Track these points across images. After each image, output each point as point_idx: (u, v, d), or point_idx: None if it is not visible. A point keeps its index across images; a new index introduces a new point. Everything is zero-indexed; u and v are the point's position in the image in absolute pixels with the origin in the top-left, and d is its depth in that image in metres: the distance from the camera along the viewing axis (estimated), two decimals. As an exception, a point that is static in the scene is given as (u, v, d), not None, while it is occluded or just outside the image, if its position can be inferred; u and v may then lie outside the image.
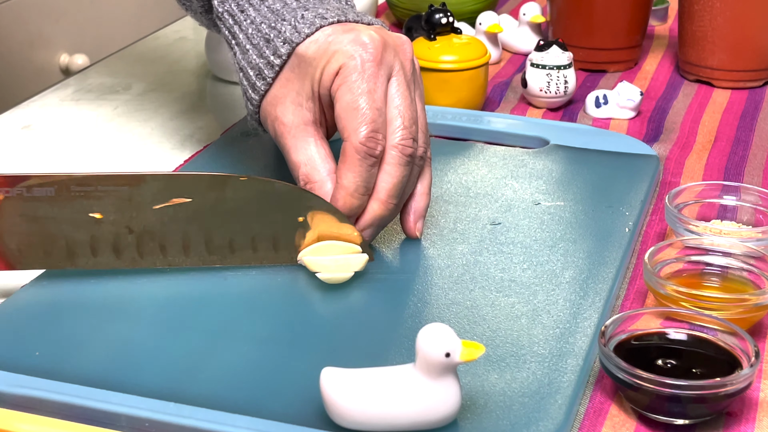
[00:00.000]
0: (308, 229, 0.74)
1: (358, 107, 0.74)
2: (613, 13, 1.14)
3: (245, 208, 0.73)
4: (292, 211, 0.74)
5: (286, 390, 0.64)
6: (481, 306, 0.72)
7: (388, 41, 0.77)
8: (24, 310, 0.71)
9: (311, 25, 0.78)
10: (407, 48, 0.78)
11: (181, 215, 0.72)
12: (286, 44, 0.78)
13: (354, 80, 0.75)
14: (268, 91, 0.79)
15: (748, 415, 0.64)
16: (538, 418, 0.62)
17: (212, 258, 0.74)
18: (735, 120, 1.05)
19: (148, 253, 0.73)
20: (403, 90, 0.76)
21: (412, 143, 0.75)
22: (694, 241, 0.76)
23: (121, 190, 0.72)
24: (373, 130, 0.74)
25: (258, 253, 0.74)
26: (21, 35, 1.63)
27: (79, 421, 0.62)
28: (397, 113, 0.75)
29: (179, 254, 0.73)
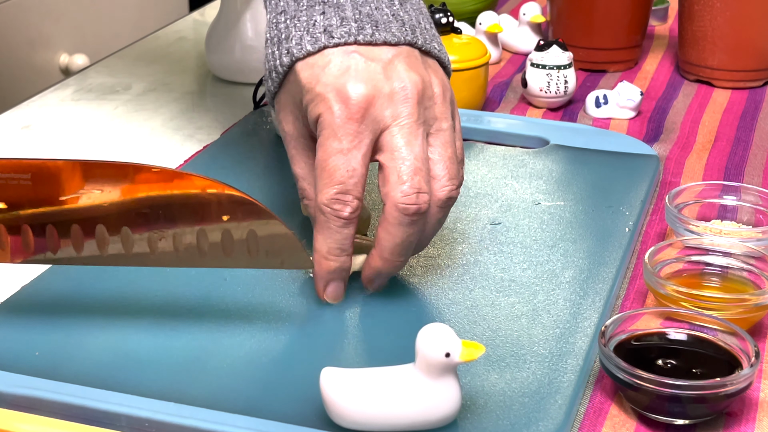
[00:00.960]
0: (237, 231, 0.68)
1: (326, 167, 0.69)
2: (613, 13, 1.14)
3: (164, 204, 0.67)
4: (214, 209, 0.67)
5: (286, 390, 0.64)
6: (481, 306, 0.72)
7: (381, 91, 0.70)
8: (24, 310, 0.71)
9: (315, 42, 0.72)
10: (409, 92, 0.70)
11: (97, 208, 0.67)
12: (288, 55, 0.73)
13: (327, 137, 0.70)
14: (277, 92, 0.75)
15: (748, 415, 0.64)
16: (538, 418, 0.62)
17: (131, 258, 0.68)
18: (735, 120, 1.05)
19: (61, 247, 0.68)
20: (398, 140, 0.69)
21: (416, 198, 0.69)
22: (694, 241, 0.76)
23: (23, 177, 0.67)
24: (340, 192, 0.69)
25: (181, 253, 0.68)
26: (21, 35, 1.63)
27: (79, 421, 0.62)
28: (394, 167, 0.69)
29: (95, 250, 0.68)
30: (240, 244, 0.68)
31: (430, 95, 0.72)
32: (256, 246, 0.68)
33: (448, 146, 0.72)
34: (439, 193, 0.71)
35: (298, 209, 0.83)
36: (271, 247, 0.68)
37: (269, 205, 0.85)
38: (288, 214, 0.83)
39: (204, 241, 0.68)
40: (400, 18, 0.74)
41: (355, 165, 0.69)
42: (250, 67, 1.11)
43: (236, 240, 0.68)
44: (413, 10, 0.75)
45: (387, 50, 0.72)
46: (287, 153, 0.75)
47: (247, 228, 0.68)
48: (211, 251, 0.68)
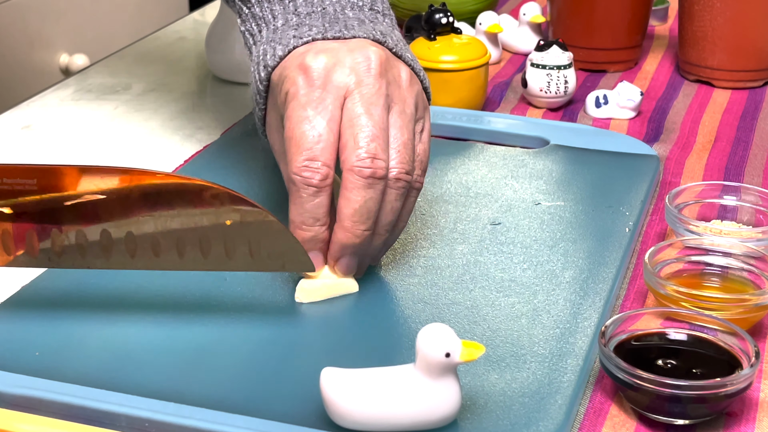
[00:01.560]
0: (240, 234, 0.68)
1: (294, 136, 0.70)
2: (613, 13, 1.14)
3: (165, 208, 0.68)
4: (217, 213, 0.68)
5: (286, 390, 0.64)
6: (481, 306, 0.72)
7: (342, 60, 0.72)
8: (24, 310, 0.71)
9: (285, 46, 0.74)
10: (372, 64, 0.72)
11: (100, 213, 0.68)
12: (265, 69, 0.75)
13: (293, 108, 0.71)
14: (265, 117, 0.77)
15: (748, 415, 0.64)
16: (538, 418, 0.62)
17: (135, 262, 0.69)
18: (735, 120, 1.05)
19: (66, 252, 0.68)
20: (358, 108, 0.71)
21: (372, 162, 0.69)
22: (694, 241, 0.76)
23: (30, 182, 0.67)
24: (308, 158, 0.69)
25: (185, 258, 0.68)
26: (21, 35, 1.63)
27: (79, 421, 0.62)
28: (351, 133, 0.70)
29: (99, 255, 0.69)
30: (242, 246, 0.68)
31: (395, 74, 0.73)
32: (258, 249, 0.68)
33: (405, 131, 0.72)
34: (390, 172, 0.71)
35: (298, 209, 0.83)
36: (273, 249, 0.68)
37: (269, 205, 0.85)
38: (288, 214, 0.83)
39: (206, 244, 0.68)
40: (371, 27, 0.76)
41: (321, 131, 0.70)
42: (250, 67, 1.10)
43: (238, 243, 0.68)
44: (384, 26, 0.77)
45: (353, 40, 0.74)
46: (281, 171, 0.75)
47: (249, 231, 0.68)
48: (213, 254, 0.68)
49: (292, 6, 0.77)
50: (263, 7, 0.79)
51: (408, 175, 0.72)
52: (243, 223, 0.68)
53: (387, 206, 0.72)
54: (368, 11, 0.78)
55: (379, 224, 0.72)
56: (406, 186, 0.72)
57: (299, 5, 0.77)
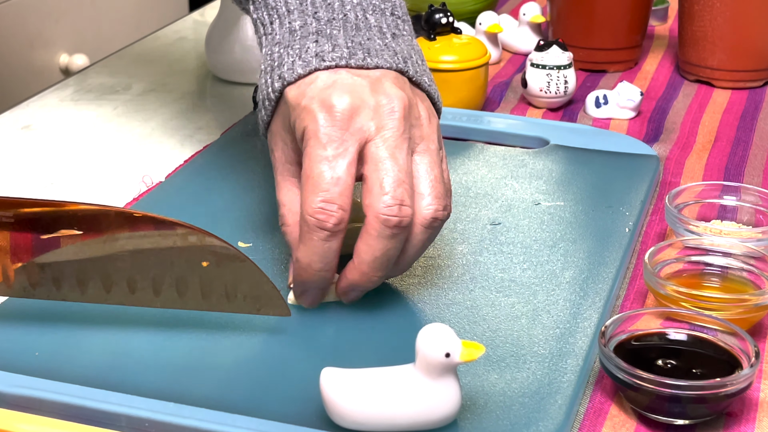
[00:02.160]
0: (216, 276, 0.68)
1: (312, 175, 0.68)
2: (613, 13, 1.14)
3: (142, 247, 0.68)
4: (193, 254, 0.67)
5: (286, 390, 0.64)
6: (481, 306, 0.72)
7: (366, 103, 0.70)
8: (24, 310, 0.71)
9: (306, 65, 0.72)
10: (395, 106, 0.70)
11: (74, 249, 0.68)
12: (280, 80, 0.73)
13: (313, 146, 0.68)
14: (270, 120, 0.75)
15: (748, 416, 0.64)
16: (538, 418, 0.62)
17: (111, 296, 0.69)
18: (735, 120, 1.05)
19: (41, 284, 0.69)
20: (382, 152, 0.69)
21: (399, 210, 0.67)
22: (694, 242, 0.76)
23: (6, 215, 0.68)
24: (325, 200, 0.67)
25: (161, 296, 0.68)
26: (21, 35, 1.63)
27: (79, 421, 0.62)
28: (376, 177, 0.68)
29: (74, 289, 0.69)
30: (219, 289, 0.68)
31: (416, 115, 0.72)
32: (234, 291, 0.68)
33: (435, 166, 0.71)
34: (424, 211, 0.69)
35: (298, 209, 0.83)
36: (250, 293, 0.68)
37: (268, 205, 0.85)
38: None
39: (183, 285, 0.68)
40: (392, 48, 0.74)
41: (340, 173, 0.68)
42: (250, 67, 1.11)
43: (215, 285, 0.68)
44: (405, 44, 0.75)
45: (376, 71, 0.72)
46: (275, 179, 0.74)
47: (225, 274, 0.68)
48: (190, 295, 0.68)
49: (310, 6, 0.75)
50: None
51: (445, 211, 0.70)
52: (219, 265, 0.68)
53: (414, 247, 0.70)
54: (390, 16, 0.76)
55: (402, 263, 0.71)
56: (441, 224, 0.71)
57: (318, 7, 0.75)
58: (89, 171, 0.94)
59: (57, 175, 0.93)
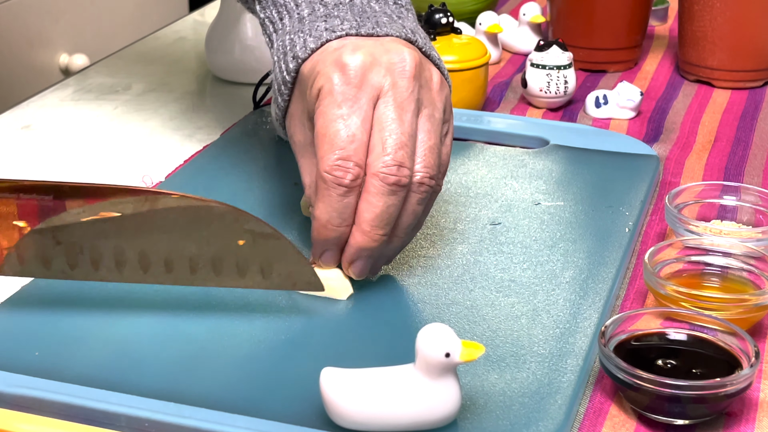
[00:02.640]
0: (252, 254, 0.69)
1: (327, 133, 0.69)
2: (613, 13, 1.14)
3: (179, 226, 0.68)
4: (230, 233, 0.68)
5: (286, 390, 0.64)
6: (481, 306, 0.72)
7: (379, 59, 0.71)
8: (24, 310, 0.71)
9: (317, 39, 0.73)
10: (407, 65, 0.71)
11: (112, 229, 0.68)
12: (294, 60, 0.74)
13: (327, 104, 0.70)
14: (287, 106, 0.76)
15: (748, 416, 0.64)
16: (538, 418, 0.62)
17: (148, 276, 0.70)
18: (735, 120, 1.05)
19: (79, 265, 0.69)
20: (390, 112, 0.70)
21: (397, 170, 0.69)
22: (694, 242, 0.76)
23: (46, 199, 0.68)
24: (341, 157, 0.69)
25: (197, 274, 0.69)
26: (21, 35, 1.63)
27: (78, 421, 0.62)
28: (380, 138, 0.70)
29: (112, 270, 0.69)
30: (254, 266, 0.69)
31: (427, 77, 0.73)
32: (270, 269, 0.69)
33: (433, 135, 0.72)
34: (415, 176, 0.71)
35: (298, 209, 0.83)
36: (284, 270, 0.69)
37: (268, 205, 0.85)
38: (287, 214, 0.83)
39: (219, 264, 0.69)
40: (399, 24, 0.75)
41: (355, 130, 0.69)
42: (250, 67, 1.11)
43: (250, 263, 0.69)
44: (411, 23, 0.77)
45: (386, 38, 0.73)
46: (297, 163, 0.75)
47: (261, 252, 0.69)
48: (225, 273, 0.69)
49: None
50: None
51: (432, 180, 0.71)
52: (255, 243, 0.69)
53: (408, 210, 0.71)
54: (393, 5, 0.77)
55: (399, 228, 0.72)
56: (429, 191, 0.72)
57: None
58: (89, 171, 0.94)
59: (57, 175, 0.93)
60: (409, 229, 0.73)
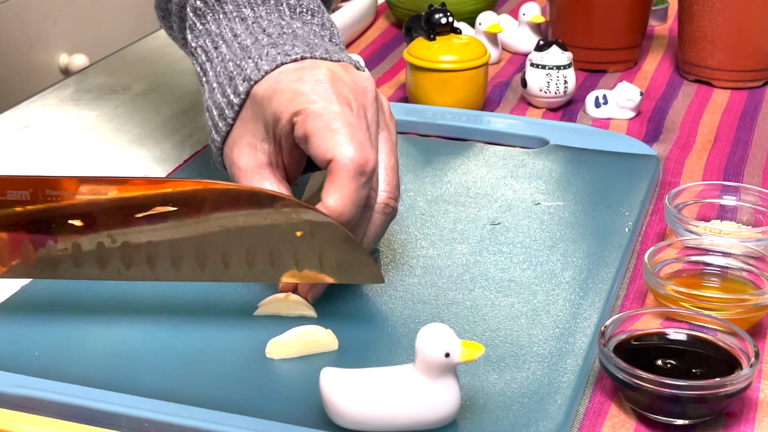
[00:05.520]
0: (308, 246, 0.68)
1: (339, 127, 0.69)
2: (613, 13, 1.14)
3: (238, 219, 0.67)
4: (289, 224, 0.68)
5: (286, 390, 0.64)
6: (481, 306, 0.72)
7: (342, 79, 0.72)
8: (24, 310, 0.71)
9: (272, 61, 0.73)
10: (368, 87, 0.73)
11: (167, 225, 0.67)
12: (245, 82, 0.74)
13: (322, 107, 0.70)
14: (229, 132, 0.75)
15: (747, 416, 0.64)
16: (538, 418, 0.62)
17: (205, 274, 0.68)
18: (735, 120, 1.05)
19: (135, 264, 0.68)
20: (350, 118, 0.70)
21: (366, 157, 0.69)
22: (694, 241, 0.76)
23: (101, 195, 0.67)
24: (361, 143, 0.69)
25: (254, 268, 0.68)
26: (21, 35, 1.63)
27: (78, 421, 0.62)
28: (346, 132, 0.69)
29: (168, 268, 0.68)
30: (312, 258, 0.68)
31: (381, 102, 0.74)
32: (329, 261, 0.68)
33: (392, 156, 0.73)
34: (379, 197, 0.72)
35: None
36: (343, 261, 0.68)
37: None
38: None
39: (277, 257, 0.68)
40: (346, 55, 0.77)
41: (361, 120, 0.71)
42: (249, 67, 1.11)
43: (308, 255, 0.68)
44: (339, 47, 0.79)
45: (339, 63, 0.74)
46: None
47: (319, 243, 0.68)
48: (284, 267, 0.68)
49: (257, 27, 0.77)
50: (221, 25, 0.78)
51: (395, 201, 0.73)
52: (313, 234, 0.67)
53: (372, 231, 0.72)
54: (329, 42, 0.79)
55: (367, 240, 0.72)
56: (393, 213, 0.73)
57: (265, 27, 0.77)
58: (89, 171, 0.94)
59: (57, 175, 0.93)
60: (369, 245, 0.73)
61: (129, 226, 0.67)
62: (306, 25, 0.79)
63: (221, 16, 0.79)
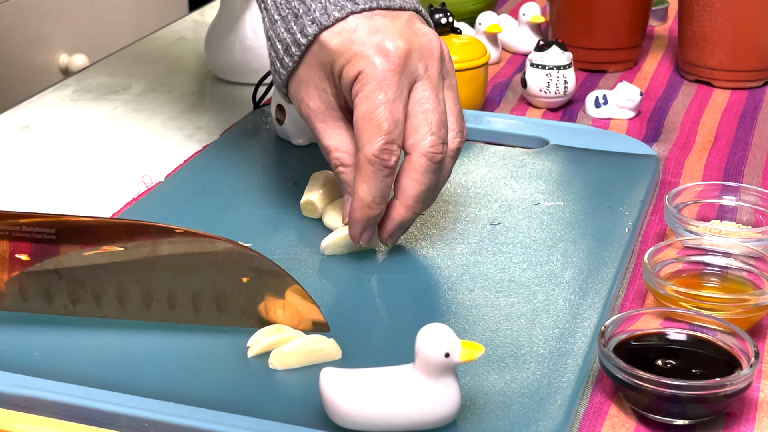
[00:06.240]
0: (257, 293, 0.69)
1: (374, 118, 0.73)
2: (613, 13, 1.14)
3: (183, 263, 0.68)
4: (234, 271, 0.68)
5: (286, 390, 0.64)
6: (481, 306, 0.72)
7: (414, 44, 0.75)
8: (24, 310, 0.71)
9: (341, 9, 0.75)
10: (434, 46, 0.76)
11: (115, 265, 0.68)
12: (314, 24, 0.75)
13: (371, 90, 0.73)
14: (295, 69, 0.77)
15: (747, 416, 0.64)
16: (538, 418, 0.62)
17: (150, 314, 0.69)
18: (735, 120, 1.05)
19: (81, 301, 0.69)
20: (429, 94, 0.74)
21: (442, 148, 0.74)
22: (694, 242, 0.76)
23: (47, 232, 0.68)
24: (387, 141, 0.73)
25: (200, 312, 0.69)
26: (21, 35, 1.63)
27: (78, 421, 0.62)
28: (424, 119, 0.74)
29: (114, 306, 0.69)
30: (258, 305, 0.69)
31: (444, 52, 0.78)
32: (274, 307, 0.69)
33: (457, 101, 0.78)
34: (451, 144, 0.76)
35: (298, 209, 0.83)
36: (289, 308, 0.69)
37: (268, 205, 0.85)
38: (287, 214, 0.83)
39: (223, 301, 0.69)
40: None
41: (399, 116, 0.73)
42: (249, 67, 1.11)
43: (255, 301, 0.69)
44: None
45: (403, 13, 0.77)
46: (312, 130, 0.78)
47: (265, 290, 0.69)
48: (229, 311, 0.69)
49: None
50: None
51: (462, 143, 0.77)
52: (260, 281, 0.69)
53: (445, 177, 0.77)
54: None
55: (436, 194, 0.77)
56: (459, 152, 0.77)
57: None
58: (89, 171, 0.94)
59: (57, 175, 0.93)
60: (437, 195, 0.78)
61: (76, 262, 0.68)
62: None
63: None
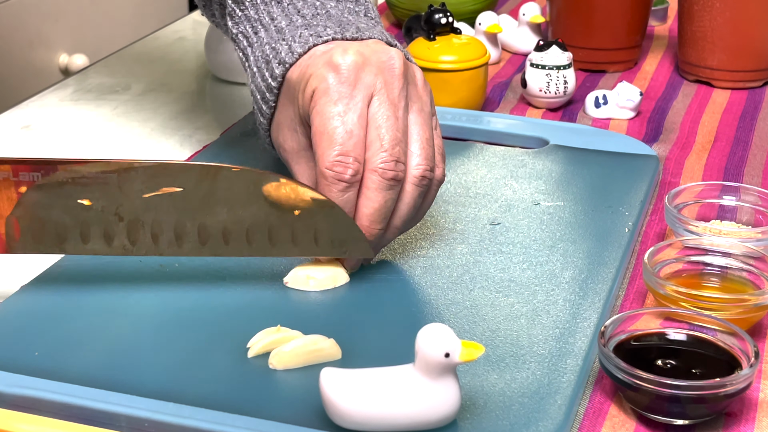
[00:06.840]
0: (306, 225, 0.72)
1: (326, 131, 0.72)
2: (613, 13, 1.14)
3: (238, 199, 0.71)
4: (287, 204, 0.71)
5: (287, 390, 0.64)
6: (480, 306, 0.72)
7: (370, 60, 0.74)
8: (24, 310, 0.71)
9: (304, 44, 0.76)
10: (396, 65, 0.74)
11: (173, 204, 0.71)
12: (280, 66, 0.76)
13: (324, 104, 0.72)
14: (273, 115, 0.78)
15: (747, 416, 0.64)
16: (538, 418, 0.62)
17: (206, 249, 0.72)
18: (735, 120, 1.05)
19: (140, 241, 0.72)
20: (384, 109, 0.73)
21: (395, 165, 0.72)
22: (694, 242, 0.76)
23: (110, 177, 0.70)
24: (341, 153, 0.71)
25: (253, 245, 0.72)
26: (21, 35, 1.63)
27: (78, 421, 0.62)
28: (377, 135, 0.72)
29: (172, 244, 0.72)
30: (308, 235, 0.71)
31: (413, 75, 0.76)
32: (323, 236, 0.72)
33: (427, 128, 0.75)
34: (414, 171, 0.73)
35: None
36: (337, 237, 0.72)
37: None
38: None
39: (275, 234, 0.71)
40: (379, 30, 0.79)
41: (352, 127, 0.72)
42: (249, 67, 1.11)
43: (305, 232, 0.71)
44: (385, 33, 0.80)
45: (370, 40, 0.76)
46: (290, 170, 0.78)
47: (315, 221, 0.71)
48: (280, 243, 0.72)
49: (292, 8, 0.79)
50: (259, 10, 0.80)
51: (431, 172, 0.74)
52: (310, 212, 0.71)
53: (407, 203, 0.74)
54: (364, 17, 0.80)
55: (396, 220, 0.74)
56: (428, 183, 0.74)
57: (300, 8, 0.79)
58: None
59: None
60: (407, 220, 0.75)
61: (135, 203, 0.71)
62: (340, 3, 0.80)
63: (259, 0, 0.80)
